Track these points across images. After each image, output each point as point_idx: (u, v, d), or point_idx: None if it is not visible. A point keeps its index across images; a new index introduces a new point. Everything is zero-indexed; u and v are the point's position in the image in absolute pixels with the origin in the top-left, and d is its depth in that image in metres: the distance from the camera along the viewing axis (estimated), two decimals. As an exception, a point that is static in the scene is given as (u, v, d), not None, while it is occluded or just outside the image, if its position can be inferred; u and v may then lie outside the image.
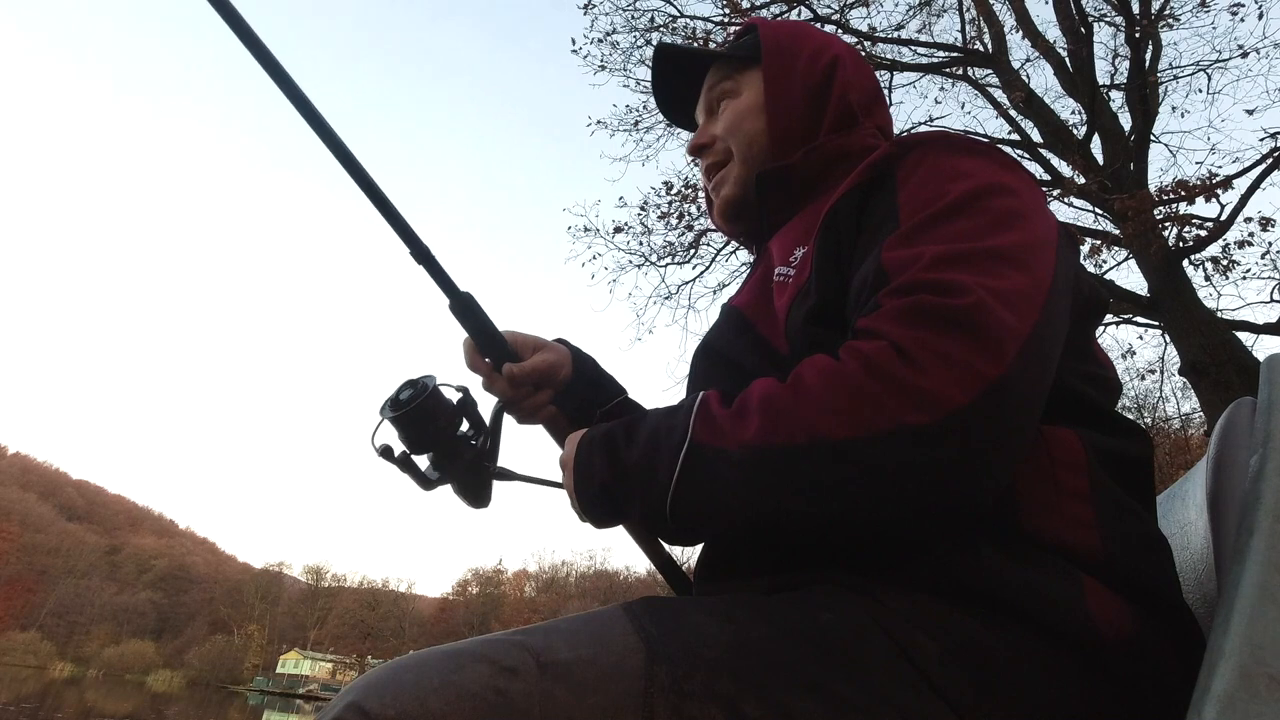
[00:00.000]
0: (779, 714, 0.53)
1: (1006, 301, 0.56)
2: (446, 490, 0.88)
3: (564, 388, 0.93)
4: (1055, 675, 0.57)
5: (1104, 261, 7.47)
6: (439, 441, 0.84)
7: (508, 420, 0.93)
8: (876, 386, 0.55)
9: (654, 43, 8.53)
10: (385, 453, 0.83)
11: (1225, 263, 6.89)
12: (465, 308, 0.86)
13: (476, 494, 0.87)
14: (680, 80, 0.98)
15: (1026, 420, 0.57)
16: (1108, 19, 7.79)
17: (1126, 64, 7.37)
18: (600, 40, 8.68)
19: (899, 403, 0.54)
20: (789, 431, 0.58)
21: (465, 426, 0.87)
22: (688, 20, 8.53)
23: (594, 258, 8.70)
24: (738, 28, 1.00)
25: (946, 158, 0.69)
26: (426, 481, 0.86)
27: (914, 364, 0.54)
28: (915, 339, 0.55)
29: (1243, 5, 6.85)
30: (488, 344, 0.88)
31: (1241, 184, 6.29)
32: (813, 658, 0.56)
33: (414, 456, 0.85)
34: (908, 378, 0.54)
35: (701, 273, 8.78)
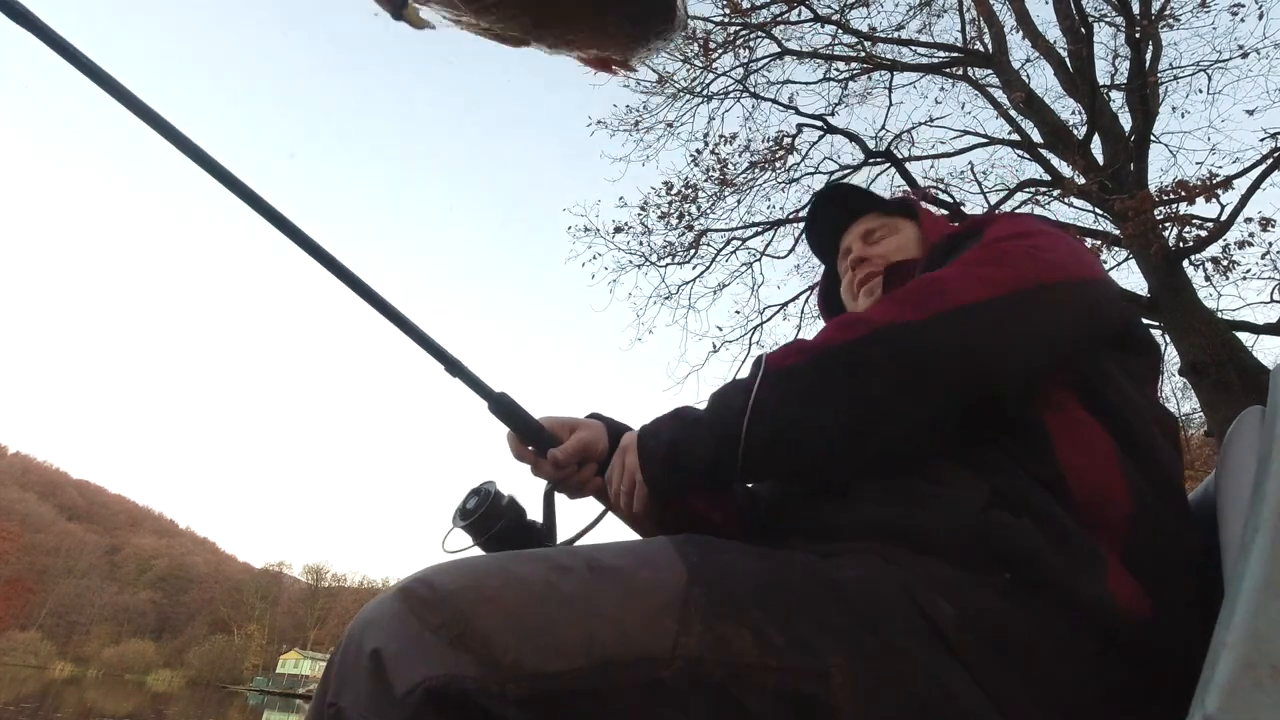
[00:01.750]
0: (801, 647, 0.57)
1: (974, 281, 0.73)
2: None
3: (604, 459, 0.99)
4: (1070, 650, 0.60)
5: (1104, 261, 7.47)
6: (505, 535, 0.92)
7: (561, 498, 1.00)
8: (918, 294, 0.73)
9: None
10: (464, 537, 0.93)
11: (1225, 263, 6.88)
12: (502, 407, 0.94)
13: None
14: (831, 211, 1.16)
15: (965, 350, 0.70)
16: (1108, 19, 7.79)
17: (1127, 64, 7.38)
18: (601, 40, 8.68)
19: (930, 300, 0.72)
20: (856, 328, 0.72)
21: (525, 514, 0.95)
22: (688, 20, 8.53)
23: (594, 258, 8.71)
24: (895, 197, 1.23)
25: (1017, 219, 0.88)
26: None
27: (940, 283, 0.74)
28: (947, 272, 0.76)
29: (1243, 5, 6.86)
30: (528, 434, 0.95)
31: (1242, 184, 6.30)
32: (836, 606, 0.60)
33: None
34: (934, 294, 0.73)
35: (701, 273, 8.79)
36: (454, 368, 0.91)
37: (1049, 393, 0.73)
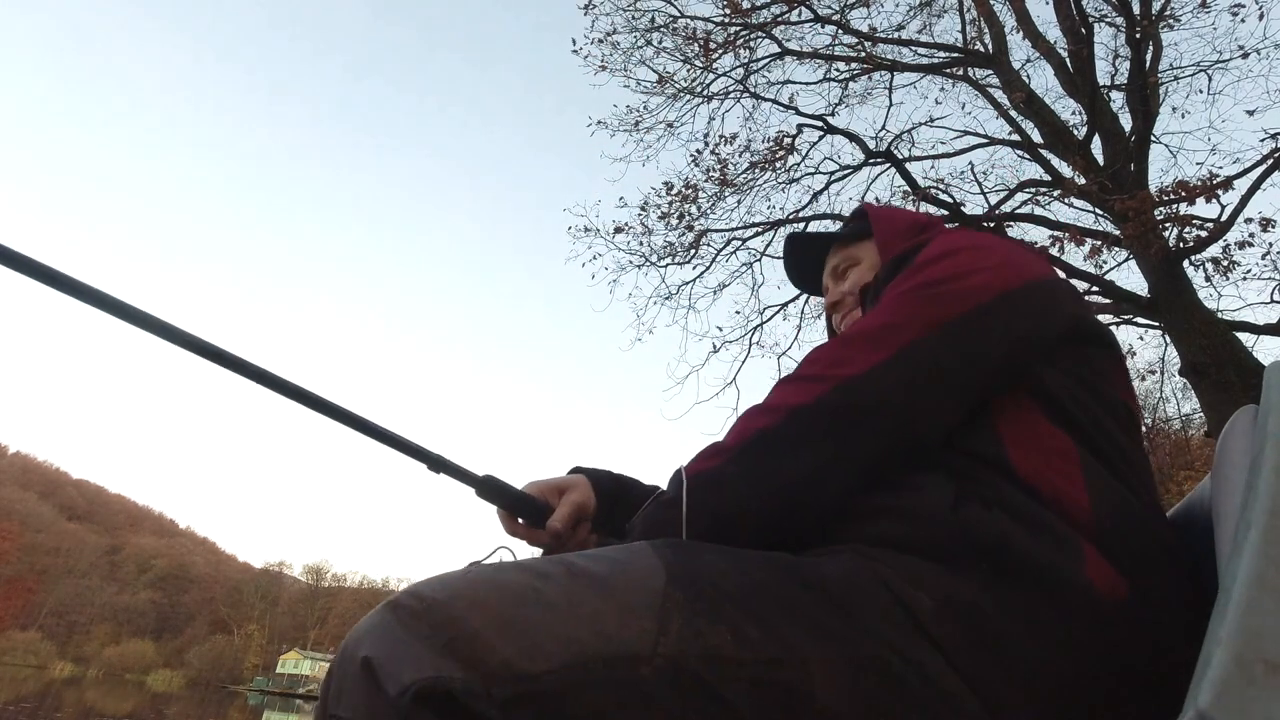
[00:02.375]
0: (778, 639, 0.59)
1: (868, 343, 0.76)
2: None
3: (595, 515, 1.00)
4: (1050, 636, 0.61)
5: (1104, 262, 7.47)
6: None
7: None
8: (820, 366, 0.78)
9: (653, 42, 8.64)
10: None
11: (1226, 263, 6.88)
12: (490, 489, 0.94)
13: None
14: (804, 255, 1.23)
15: (878, 409, 0.74)
16: (1108, 19, 7.80)
17: (1127, 64, 7.38)
18: (601, 41, 8.70)
19: (830, 372, 0.76)
20: (768, 415, 0.76)
21: None
22: (688, 20, 8.55)
23: (594, 258, 8.72)
24: (851, 214, 1.22)
25: (946, 238, 0.86)
26: None
27: (839, 350, 0.78)
28: (846, 335, 0.80)
29: (1243, 6, 6.87)
30: (518, 509, 0.96)
31: (1242, 184, 6.29)
32: (813, 601, 0.62)
33: None
34: (833, 364, 0.77)
35: (701, 273, 8.79)
36: (436, 465, 0.92)
37: (1000, 400, 0.75)
